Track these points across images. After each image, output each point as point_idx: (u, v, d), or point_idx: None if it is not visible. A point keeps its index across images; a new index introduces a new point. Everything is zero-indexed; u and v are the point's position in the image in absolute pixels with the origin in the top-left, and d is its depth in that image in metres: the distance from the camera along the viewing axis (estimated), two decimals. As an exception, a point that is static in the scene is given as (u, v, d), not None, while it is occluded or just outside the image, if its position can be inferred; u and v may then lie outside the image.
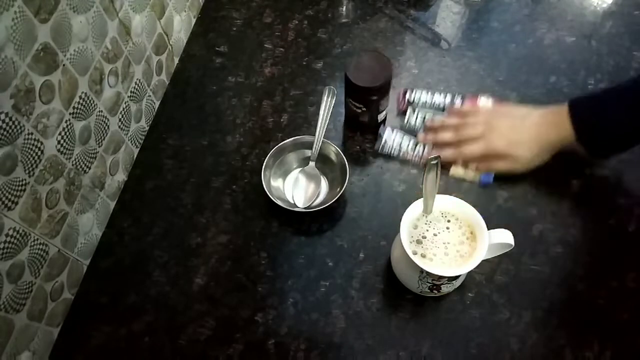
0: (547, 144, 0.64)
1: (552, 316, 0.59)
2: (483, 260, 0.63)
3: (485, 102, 0.73)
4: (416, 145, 0.70)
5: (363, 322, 0.60)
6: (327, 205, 0.63)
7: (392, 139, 0.70)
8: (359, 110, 0.69)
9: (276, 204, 0.63)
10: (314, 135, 0.68)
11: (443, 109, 0.73)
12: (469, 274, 0.62)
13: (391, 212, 0.66)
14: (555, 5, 0.85)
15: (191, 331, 0.61)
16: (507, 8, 0.86)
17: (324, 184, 0.69)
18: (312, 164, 0.69)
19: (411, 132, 0.72)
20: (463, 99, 0.73)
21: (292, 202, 0.67)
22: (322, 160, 0.69)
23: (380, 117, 0.72)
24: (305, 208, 0.66)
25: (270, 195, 0.64)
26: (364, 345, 0.59)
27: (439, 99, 0.73)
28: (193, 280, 0.64)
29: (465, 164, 0.68)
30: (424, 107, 0.74)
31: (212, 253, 0.66)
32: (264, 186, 0.64)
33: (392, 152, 0.70)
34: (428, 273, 0.52)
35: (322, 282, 0.63)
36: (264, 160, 0.66)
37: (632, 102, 0.58)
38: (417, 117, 0.72)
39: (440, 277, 0.53)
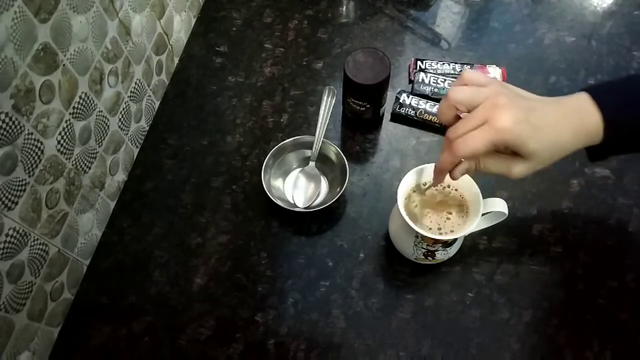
0: (566, 138, 0.47)
1: (552, 316, 0.59)
2: (483, 259, 0.63)
3: (494, 71, 0.76)
4: (433, 107, 0.73)
5: (363, 322, 0.60)
6: (327, 205, 0.63)
7: (407, 103, 0.73)
8: (363, 109, 0.69)
9: (276, 204, 0.63)
10: (314, 135, 0.68)
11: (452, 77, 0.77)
12: (469, 273, 0.62)
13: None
14: (555, 5, 0.85)
15: (191, 331, 0.61)
16: (507, 8, 0.86)
17: (324, 184, 0.69)
18: (312, 164, 0.69)
19: (424, 95, 0.75)
20: (471, 68, 0.77)
21: (292, 202, 0.67)
22: (322, 160, 0.69)
23: (382, 110, 0.73)
24: (305, 208, 0.66)
25: (270, 195, 0.64)
26: (364, 345, 0.59)
27: (448, 68, 0.77)
28: (193, 280, 0.64)
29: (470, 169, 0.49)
30: (435, 73, 0.77)
31: (212, 253, 0.66)
32: (264, 186, 0.64)
33: (409, 113, 0.74)
34: (423, 237, 0.54)
35: (322, 282, 0.63)
36: (264, 160, 0.66)
37: None
38: (429, 81, 0.76)
39: (435, 242, 0.55)
